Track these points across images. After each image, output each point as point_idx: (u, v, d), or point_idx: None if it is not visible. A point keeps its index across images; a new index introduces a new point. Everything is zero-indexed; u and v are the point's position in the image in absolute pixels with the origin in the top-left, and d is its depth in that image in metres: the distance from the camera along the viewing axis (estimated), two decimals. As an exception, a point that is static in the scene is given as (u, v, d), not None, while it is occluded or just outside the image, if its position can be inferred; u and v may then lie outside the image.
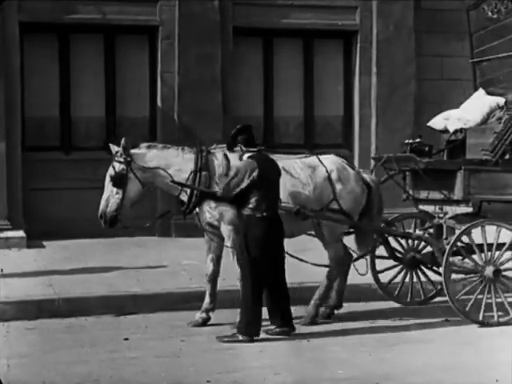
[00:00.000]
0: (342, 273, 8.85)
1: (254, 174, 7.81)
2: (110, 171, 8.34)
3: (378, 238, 9.24)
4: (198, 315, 8.56)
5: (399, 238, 9.44)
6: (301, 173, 8.54)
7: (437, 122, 9.71)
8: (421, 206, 9.51)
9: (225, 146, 8.61)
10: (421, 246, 9.55)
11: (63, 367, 7.20)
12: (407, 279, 9.58)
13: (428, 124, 9.90)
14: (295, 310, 8.49)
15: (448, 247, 8.53)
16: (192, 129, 13.47)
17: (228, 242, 8.33)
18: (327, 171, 8.60)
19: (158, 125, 13.79)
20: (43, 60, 13.66)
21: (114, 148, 8.44)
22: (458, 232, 8.63)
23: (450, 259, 8.54)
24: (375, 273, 9.43)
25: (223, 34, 13.85)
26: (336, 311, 8.92)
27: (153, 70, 13.91)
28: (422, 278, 9.60)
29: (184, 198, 8.40)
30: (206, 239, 8.65)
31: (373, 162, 10.78)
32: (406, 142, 9.46)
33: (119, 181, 8.26)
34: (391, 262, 9.58)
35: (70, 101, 13.69)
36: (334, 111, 14.85)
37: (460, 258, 8.87)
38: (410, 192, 9.56)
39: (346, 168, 8.81)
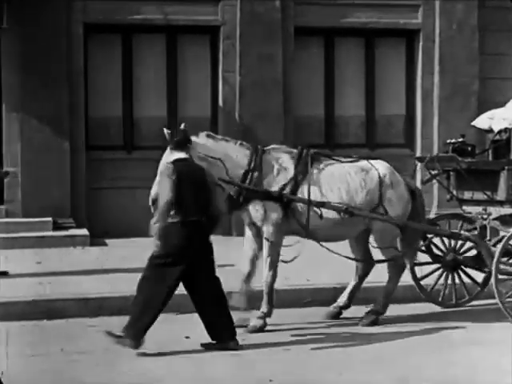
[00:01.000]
0: (399, 274, 8.76)
1: (173, 180, 7.42)
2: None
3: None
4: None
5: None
6: (355, 177, 8.47)
7: (481, 121, 9.53)
8: (465, 207, 9.34)
9: (280, 146, 8.65)
10: (459, 247, 9.38)
11: (123, 365, 7.29)
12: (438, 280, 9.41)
13: (472, 123, 9.76)
14: (356, 310, 8.52)
15: (498, 249, 8.40)
16: (253, 128, 13.51)
17: (267, 242, 8.28)
18: (379, 175, 8.51)
19: (220, 124, 13.85)
20: (106, 60, 13.82)
21: (168, 134, 8.03)
22: (508, 234, 8.48)
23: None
24: (414, 274, 9.24)
25: (284, 33, 13.86)
26: (344, 311, 8.84)
27: (214, 69, 13.98)
28: (456, 280, 9.42)
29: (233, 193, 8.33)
30: (246, 238, 8.58)
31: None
32: (448, 141, 9.34)
33: None
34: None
35: (133, 100, 13.83)
36: (396, 110, 14.75)
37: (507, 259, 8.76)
38: (454, 192, 9.42)
39: (395, 173, 8.70)
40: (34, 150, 12.88)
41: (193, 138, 8.09)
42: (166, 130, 8.11)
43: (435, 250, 9.37)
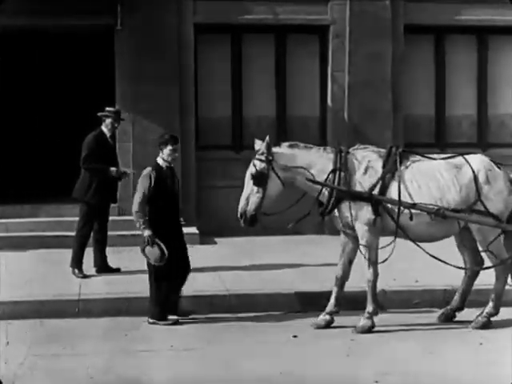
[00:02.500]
0: (506, 274, 8.48)
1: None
2: (251, 169, 8.27)
3: None
4: (322, 317, 8.51)
5: None
6: (445, 174, 8.27)
7: None
8: None
9: (367, 146, 8.58)
10: None
11: (230, 362, 7.36)
12: None
13: None
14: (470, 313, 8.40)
15: None
16: (362, 128, 13.43)
17: (362, 241, 8.24)
18: (473, 171, 8.26)
19: (328, 124, 13.81)
20: (216, 60, 13.93)
21: (257, 144, 8.34)
22: None
23: None
24: None
25: (394, 31, 13.73)
26: (458, 313, 8.67)
27: (323, 69, 13.94)
28: None
29: (323, 198, 8.30)
30: (341, 242, 8.56)
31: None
32: None
33: (260, 179, 8.17)
34: None
35: (242, 100, 13.92)
36: (510, 109, 14.43)
37: None
38: None
39: (493, 168, 8.41)
40: (145, 150, 13.08)
41: (274, 150, 8.26)
42: (256, 141, 8.43)
43: None
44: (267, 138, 8.28)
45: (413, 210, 8.11)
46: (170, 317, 8.62)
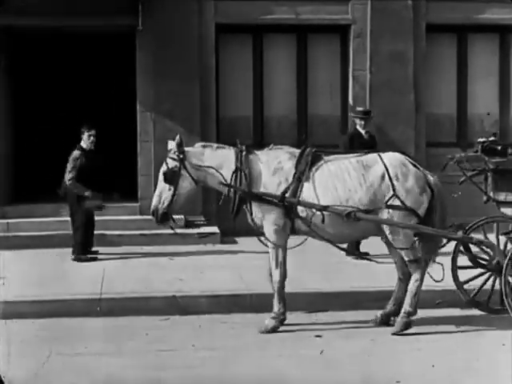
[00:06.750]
0: (422, 273, 8.30)
1: None
2: (163, 167, 8.38)
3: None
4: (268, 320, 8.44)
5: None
6: (354, 173, 8.16)
7: None
8: (502, 209, 8.79)
9: (282, 146, 8.58)
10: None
11: (251, 362, 7.34)
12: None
13: None
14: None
15: (508, 257, 8.05)
16: (384, 127, 13.39)
17: (270, 242, 8.25)
18: (385, 167, 8.12)
19: (350, 123, 13.78)
20: (237, 60, 13.95)
21: (170, 144, 8.47)
22: None
23: None
24: (456, 277, 8.76)
25: (416, 30, 13.70)
26: (393, 318, 8.48)
27: (344, 68, 13.93)
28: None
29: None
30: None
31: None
32: (479, 140, 8.97)
33: (171, 177, 8.28)
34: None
35: (263, 100, 13.91)
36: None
37: None
38: (491, 194, 8.92)
39: (406, 165, 8.23)
40: (166, 149, 13.08)
41: (186, 149, 8.37)
42: (169, 142, 8.53)
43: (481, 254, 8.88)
44: (177, 136, 8.39)
45: (325, 212, 8.06)
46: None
